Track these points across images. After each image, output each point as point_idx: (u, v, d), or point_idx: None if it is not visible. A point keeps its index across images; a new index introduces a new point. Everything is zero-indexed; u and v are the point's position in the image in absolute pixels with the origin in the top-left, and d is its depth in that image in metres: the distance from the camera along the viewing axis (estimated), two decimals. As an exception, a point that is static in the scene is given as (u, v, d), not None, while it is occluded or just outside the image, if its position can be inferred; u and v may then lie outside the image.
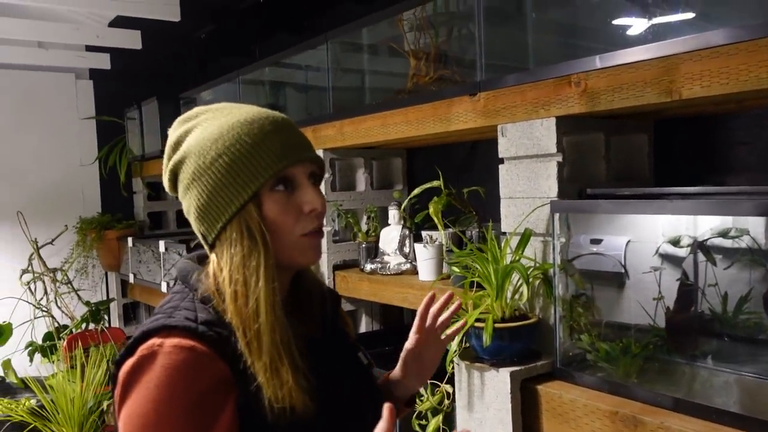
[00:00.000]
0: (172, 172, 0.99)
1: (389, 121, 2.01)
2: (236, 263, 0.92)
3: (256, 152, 0.93)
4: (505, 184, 1.64)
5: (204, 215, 0.95)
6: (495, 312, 1.50)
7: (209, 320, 0.91)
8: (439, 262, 2.01)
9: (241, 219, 0.93)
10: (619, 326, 1.50)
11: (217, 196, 0.93)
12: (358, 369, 1.10)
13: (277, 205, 0.94)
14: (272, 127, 0.96)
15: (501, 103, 1.64)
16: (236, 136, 0.94)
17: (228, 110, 0.99)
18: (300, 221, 0.96)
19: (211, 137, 0.95)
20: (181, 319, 0.90)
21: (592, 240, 1.54)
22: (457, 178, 2.27)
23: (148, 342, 0.88)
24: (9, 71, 3.73)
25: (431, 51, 1.99)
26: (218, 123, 0.96)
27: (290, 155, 0.95)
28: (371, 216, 2.37)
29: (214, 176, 0.93)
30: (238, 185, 0.93)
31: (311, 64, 2.64)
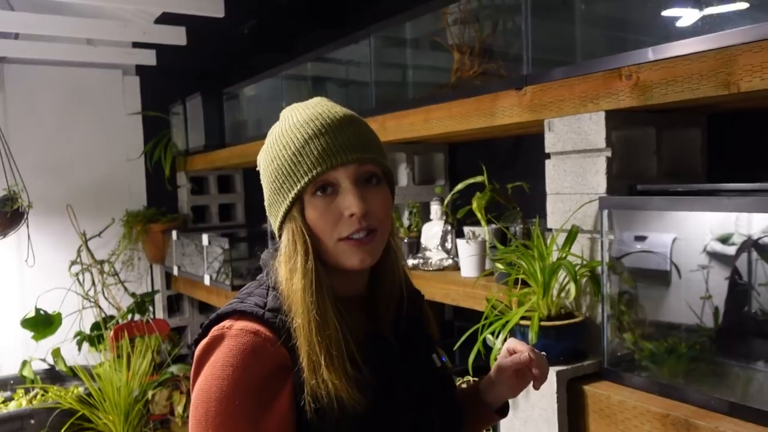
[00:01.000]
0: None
1: (432, 115, 1.99)
2: (284, 260, 0.97)
3: (298, 158, 0.95)
4: (551, 180, 1.61)
5: (269, 212, 1.03)
6: (541, 310, 1.48)
7: (276, 308, 0.95)
8: (482, 259, 1.99)
9: (289, 220, 0.98)
10: (667, 326, 1.46)
11: (273, 197, 1.00)
12: (429, 370, 1.09)
13: (316, 211, 0.96)
14: (324, 128, 0.96)
15: (548, 97, 1.61)
16: (285, 142, 0.97)
17: (297, 111, 1.01)
18: (339, 226, 0.96)
19: (272, 139, 1.00)
20: (251, 304, 0.96)
21: (636, 237, 1.50)
22: (500, 174, 2.24)
23: (220, 324, 0.94)
24: (59, 68, 3.82)
25: (476, 45, 1.97)
26: (282, 127, 1.00)
27: (329, 160, 0.94)
28: (413, 211, 2.36)
29: (270, 178, 0.99)
30: (284, 190, 0.97)
31: (353, 58, 2.64)
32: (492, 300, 1.56)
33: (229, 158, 3.42)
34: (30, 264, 3.44)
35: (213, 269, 3.34)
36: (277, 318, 0.94)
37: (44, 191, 3.57)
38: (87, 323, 3.55)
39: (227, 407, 0.88)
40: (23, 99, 3.70)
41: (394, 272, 1.08)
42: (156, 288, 4.07)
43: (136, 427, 3.08)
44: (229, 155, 3.41)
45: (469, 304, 1.91)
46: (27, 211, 3.34)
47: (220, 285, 3.22)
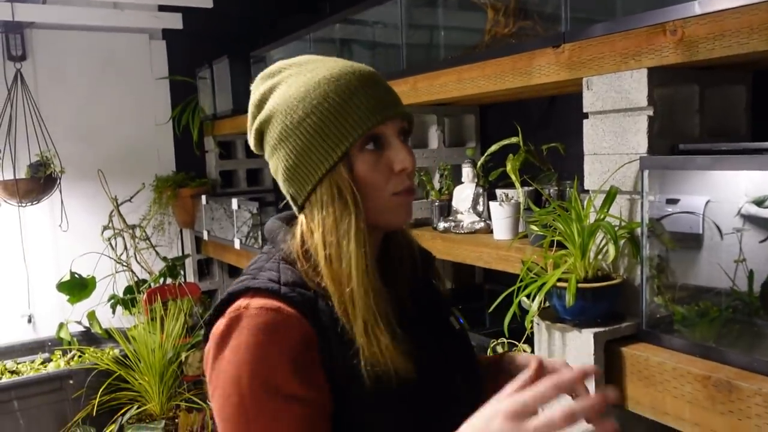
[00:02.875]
0: (258, 131, 0.98)
1: (465, 76, 1.96)
2: (328, 225, 0.91)
3: (345, 110, 0.90)
4: (589, 140, 1.57)
5: (293, 176, 0.94)
6: (578, 272, 1.46)
7: (292, 281, 0.91)
8: (516, 221, 1.97)
9: (332, 180, 0.91)
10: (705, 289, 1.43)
11: (306, 156, 0.92)
12: (448, 332, 1.07)
13: (367, 165, 0.92)
14: (360, 83, 0.92)
15: (587, 54, 1.56)
16: (323, 94, 0.91)
17: (312, 65, 0.96)
18: (391, 180, 0.93)
19: (297, 95, 0.92)
20: (264, 280, 0.90)
21: (668, 200, 1.47)
22: (534, 135, 2.20)
23: (234, 304, 0.89)
24: (85, 33, 3.82)
25: (510, 2, 1.91)
26: (304, 79, 0.93)
27: (380, 112, 0.91)
28: (444, 174, 2.34)
29: (303, 136, 0.91)
30: (328, 145, 0.91)
31: (382, 20, 2.59)
32: (528, 262, 1.54)
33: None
34: (64, 229, 3.50)
35: (242, 233, 3.37)
36: (296, 291, 0.90)
37: (75, 156, 3.61)
38: (120, 287, 3.61)
39: (265, 392, 0.83)
40: (52, 65, 3.72)
41: (405, 233, 1.08)
42: (186, 252, 4.12)
43: (170, 388, 3.16)
44: (257, 119, 3.39)
45: (503, 266, 1.90)
46: (59, 177, 3.40)
47: (250, 248, 3.25)
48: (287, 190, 0.97)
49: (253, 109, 0.99)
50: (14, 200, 3.27)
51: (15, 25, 3.48)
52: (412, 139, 2.33)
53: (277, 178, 0.99)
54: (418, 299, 1.03)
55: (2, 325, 3.53)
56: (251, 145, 1.02)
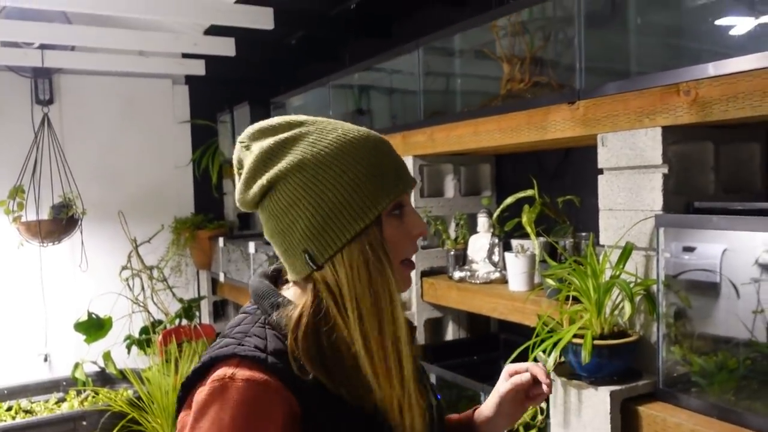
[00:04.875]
0: (268, 184, 0.91)
1: (481, 128, 1.99)
2: (365, 290, 0.88)
3: (381, 171, 0.90)
4: (604, 196, 1.59)
5: (319, 234, 0.89)
6: (593, 328, 1.46)
7: (279, 350, 0.87)
8: (531, 273, 1.97)
9: (364, 240, 0.89)
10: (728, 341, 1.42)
11: (339, 214, 0.88)
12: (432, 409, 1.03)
13: (393, 229, 0.92)
14: (387, 148, 0.94)
15: (602, 111, 1.59)
16: (360, 154, 0.90)
17: (332, 124, 0.95)
18: (407, 246, 0.94)
19: (330, 151, 0.90)
20: (250, 347, 0.86)
21: (684, 248, 1.47)
22: (549, 186, 2.22)
23: (219, 371, 0.84)
24: (111, 78, 3.94)
25: (526, 57, 1.96)
26: (333, 137, 0.91)
27: (406, 177, 0.94)
28: (460, 223, 2.35)
29: (339, 193, 0.88)
30: (365, 204, 0.89)
31: (401, 69, 2.65)
32: (543, 317, 1.54)
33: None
34: (83, 269, 3.54)
35: (258, 276, 3.39)
36: (282, 362, 0.85)
37: (97, 198, 3.69)
38: (136, 327, 3.64)
39: None
40: (77, 109, 3.83)
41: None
42: (202, 293, 4.15)
43: (183, 431, 3.14)
44: (276, 164, 3.45)
45: (518, 318, 1.89)
46: (81, 218, 3.45)
47: (266, 292, 3.26)
48: (305, 247, 0.90)
49: (257, 162, 0.92)
50: (36, 240, 3.33)
51: (44, 70, 3.60)
52: (428, 187, 2.37)
53: (288, 236, 0.91)
54: None
55: (19, 363, 3.55)
56: (243, 200, 0.96)
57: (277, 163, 0.91)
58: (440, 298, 2.27)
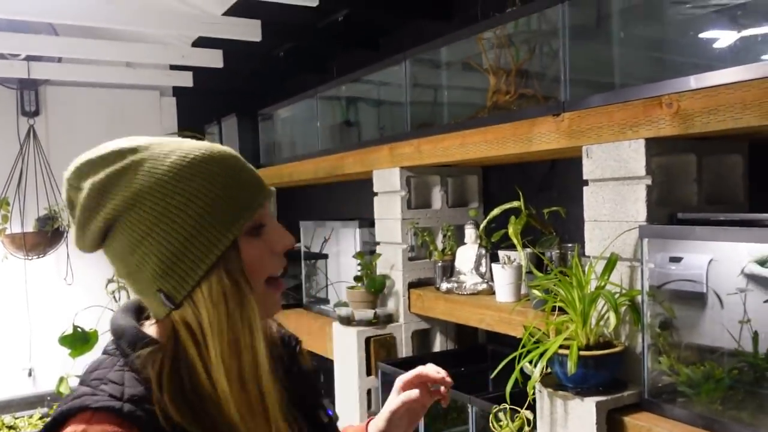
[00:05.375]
0: (105, 223, 0.82)
1: (468, 140, 2.00)
2: (223, 324, 0.80)
3: (233, 191, 0.82)
4: (589, 207, 1.60)
5: (171, 270, 0.80)
6: (579, 339, 1.47)
7: (138, 396, 0.78)
8: (518, 284, 1.98)
9: (222, 269, 0.81)
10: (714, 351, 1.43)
11: (190, 245, 0.80)
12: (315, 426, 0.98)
13: (253, 249, 0.84)
14: (236, 163, 0.86)
15: (586, 123, 1.61)
16: (205, 176, 0.81)
17: (167, 147, 0.84)
18: (271, 264, 0.87)
19: (171, 177, 0.81)
20: (105, 397, 0.78)
21: (671, 258, 1.48)
22: (535, 197, 2.23)
23: (69, 428, 0.76)
24: (98, 90, 3.93)
25: (512, 69, 1.97)
26: (171, 161, 0.82)
27: (262, 192, 0.86)
28: (447, 234, 2.36)
29: (187, 222, 0.80)
30: (218, 231, 0.80)
31: (388, 80, 2.66)
32: (530, 328, 1.55)
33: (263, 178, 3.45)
34: (69, 282, 3.51)
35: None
36: (143, 409, 0.77)
37: (83, 210, 3.65)
38: (122, 340, 3.59)
39: None
40: (64, 120, 3.81)
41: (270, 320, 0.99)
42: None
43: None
44: (264, 175, 3.40)
45: (505, 329, 1.90)
46: (67, 231, 3.43)
47: (253, 304, 3.25)
48: (160, 287, 0.81)
49: (89, 200, 0.82)
50: (20, 253, 3.30)
51: (30, 82, 3.58)
52: (415, 199, 2.38)
53: (138, 276, 0.83)
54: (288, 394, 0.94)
55: (2, 378, 3.51)
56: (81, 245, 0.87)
57: (112, 200, 0.81)
58: (427, 309, 2.27)
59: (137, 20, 2.77)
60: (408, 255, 2.37)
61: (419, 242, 2.35)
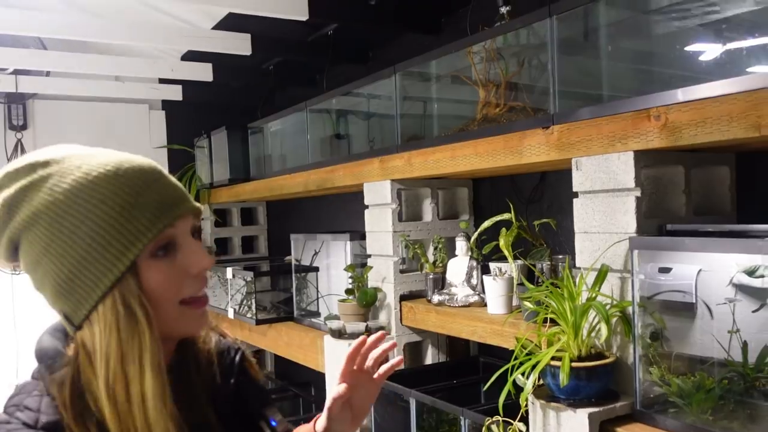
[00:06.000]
0: (11, 241, 0.82)
1: (458, 153, 2.01)
2: (113, 351, 0.78)
3: (129, 213, 0.79)
4: (579, 219, 1.61)
5: (67, 292, 0.79)
6: (571, 350, 1.47)
7: (54, 423, 0.77)
8: (509, 296, 1.98)
9: (117, 294, 0.78)
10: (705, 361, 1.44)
11: (84, 269, 0.78)
12: None
13: (159, 273, 0.81)
14: (142, 180, 0.82)
15: (575, 136, 1.62)
16: (102, 195, 0.79)
17: (77, 162, 0.82)
18: (186, 286, 0.84)
19: (67, 196, 0.79)
20: (17, 425, 0.77)
21: (660, 269, 1.49)
22: (525, 209, 2.25)
23: None
24: (87, 103, 3.91)
25: (501, 82, 1.99)
26: (74, 177, 0.80)
27: (169, 211, 0.82)
28: (438, 246, 2.36)
29: (79, 246, 0.78)
30: (112, 254, 0.78)
31: (379, 93, 2.68)
32: (522, 340, 1.55)
33: (254, 191, 3.46)
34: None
35: (236, 302, 3.36)
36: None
37: (72, 224, 3.63)
38: (111, 355, 3.57)
39: None
40: (52, 134, 3.79)
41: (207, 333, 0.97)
42: (179, 320, 4.09)
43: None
44: (255, 188, 3.45)
45: (497, 341, 1.90)
46: (55, 244, 3.40)
47: (243, 318, 3.24)
48: (60, 308, 0.81)
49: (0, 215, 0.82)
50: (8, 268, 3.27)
51: (17, 96, 3.57)
52: (406, 211, 2.38)
53: (44, 294, 0.83)
54: (222, 409, 0.93)
55: (-11, 395, 3.46)
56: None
57: (16, 216, 0.81)
58: (419, 322, 2.27)
59: (127, 34, 2.78)
60: (399, 267, 2.37)
61: (410, 255, 2.36)
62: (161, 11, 3.03)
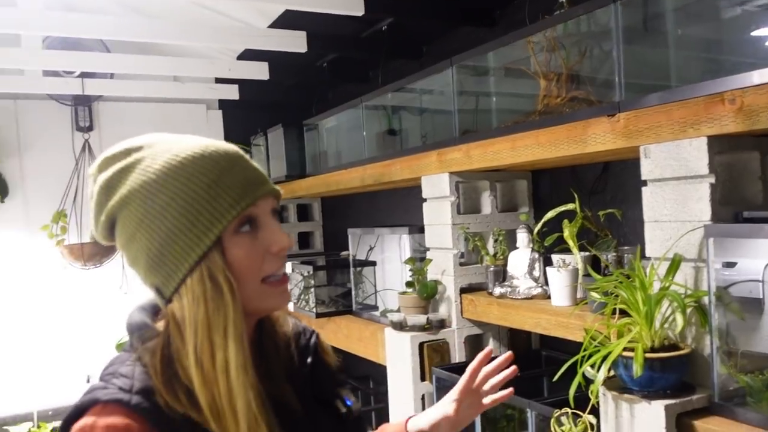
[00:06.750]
0: (109, 219, 0.88)
1: (519, 143, 1.99)
2: (200, 320, 0.83)
3: (215, 191, 0.84)
4: (649, 208, 1.58)
5: (158, 266, 0.85)
6: (644, 341, 1.44)
7: (147, 388, 0.82)
8: (574, 287, 1.96)
9: (204, 268, 0.83)
10: None
11: (173, 243, 0.83)
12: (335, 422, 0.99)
13: (242, 249, 0.85)
14: (227, 162, 0.87)
15: (643, 123, 1.58)
16: (190, 174, 0.84)
17: (167, 145, 0.88)
18: (266, 263, 0.88)
19: (159, 176, 0.85)
20: (114, 390, 0.81)
21: (724, 263, 1.45)
22: (588, 201, 2.21)
23: (80, 422, 0.80)
24: (148, 104, 4.03)
25: (563, 72, 1.96)
26: (164, 159, 0.86)
27: (252, 191, 0.87)
28: (498, 239, 2.35)
29: (169, 221, 0.83)
30: (199, 230, 0.83)
31: (433, 88, 2.67)
32: (591, 331, 1.53)
33: (310, 188, 3.51)
34: (124, 291, 3.60)
35: (294, 296, 3.41)
36: (149, 401, 0.81)
37: (136, 222, 3.75)
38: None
39: None
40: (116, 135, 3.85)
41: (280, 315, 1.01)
42: (238, 314, 4.17)
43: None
44: (311, 185, 3.49)
45: (562, 333, 1.88)
46: (121, 241, 3.52)
47: (303, 311, 3.28)
48: (152, 282, 0.87)
49: (99, 195, 0.89)
50: (79, 263, 3.40)
51: (84, 98, 3.70)
52: (464, 204, 2.38)
53: (137, 269, 0.89)
54: (298, 387, 0.96)
55: (62, 384, 3.60)
56: (97, 236, 0.93)
57: (114, 196, 0.87)
58: (480, 314, 2.26)
59: (183, 35, 2.84)
60: (459, 260, 2.37)
61: (470, 247, 2.35)
62: (217, 12, 3.10)
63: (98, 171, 0.90)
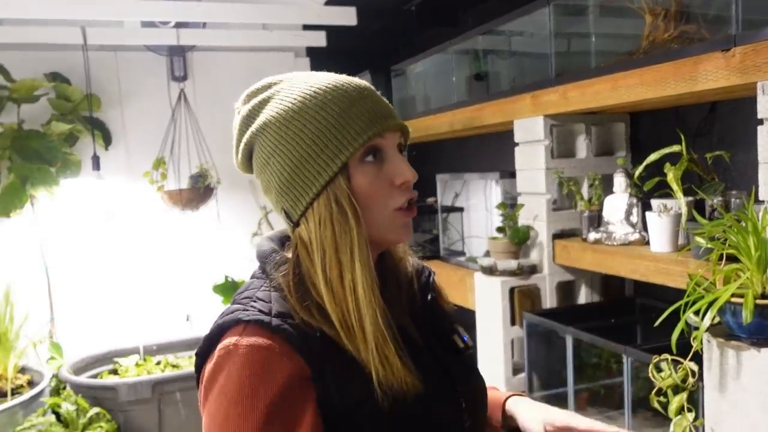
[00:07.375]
0: (247, 147, 0.94)
1: (621, 83, 1.91)
2: (328, 241, 0.87)
3: (344, 120, 0.87)
4: (765, 149, 1.49)
5: (288, 189, 0.89)
6: (754, 288, 1.38)
7: (284, 312, 0.86)
8: (675, 233, 1.89)
9: (331, 192, 0.87)
10: None
11: (303, 168, 0.88)
12: (452, 355, 1.00)
13: (366, 177, 0.89)
14: (357, 94, 0.90)
15: (762, 57, 1.48)
16: (321, 104, 0.88)
17: (304, 78, 0.94)
18: (392, 195, 0.90)
19: (293, 106, 0.89)
20: (255, 312, 0.85)
21: None
22: (692, 144, 2.10)
23: (224, 340, 0.84)
24: (238, 54, 4.10)
25: (671, 6, 1.85)
26: (298, 90, 0.90)
27: (379, 123, 0.89)
28: (594, 184, 2.29)
29: (300, 147, 0.88)
30: (327, 156, 0.87)
31: (524, 30, 2.58)
32: (696, 277, 1.48)
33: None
34: (219, 235, 3.76)
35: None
36: (287, 323, 0.84)
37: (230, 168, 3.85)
38: (267, 291, 3.82)
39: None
40: (208, 84, 4.02)
41: (401, 250, 1.04)
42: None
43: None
44: (398, 131, 3.48)
45: (662, 280, 1.83)
46: (216, 187, 3.66)
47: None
48: (282, 206, 0.92)
49: (240, 125, 0.96)
50: (177, 208, 3.57)
51: (178, 48, 3.81)
52: (558, 148, 2.32)
53: (269, 195, 0.94)
54: (418, 321, 0.99)
55: (165, 322, 3.84)
56: (236, 164, 1.00)
57: (252, 125, 0.93)
58: (573, 260, 2.22)
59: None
60: (551, 205, 2.32)
61: (564, 192, 2.30)
62: (306, -44, 3.08)
63: (242, 104, 0.97)
